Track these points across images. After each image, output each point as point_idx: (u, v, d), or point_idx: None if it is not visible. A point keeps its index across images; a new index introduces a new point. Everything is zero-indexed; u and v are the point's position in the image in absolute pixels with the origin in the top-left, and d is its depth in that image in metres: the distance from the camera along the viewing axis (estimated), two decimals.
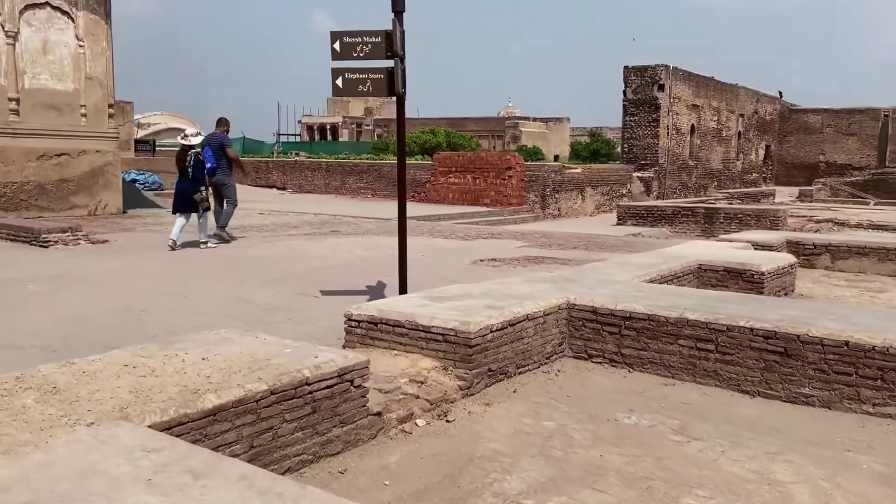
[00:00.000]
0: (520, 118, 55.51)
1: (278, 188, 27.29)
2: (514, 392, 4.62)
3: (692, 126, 30.52)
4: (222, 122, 11.37)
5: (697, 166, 31.24)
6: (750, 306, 5.08)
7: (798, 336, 4.46)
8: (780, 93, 42.56)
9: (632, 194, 25.82)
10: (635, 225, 18.70)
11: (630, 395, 4.65)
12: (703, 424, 4.08)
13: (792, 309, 5.00)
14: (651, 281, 6.66)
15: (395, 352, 4.77)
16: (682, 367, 4.89)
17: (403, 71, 5.67)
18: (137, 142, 29.74)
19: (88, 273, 8.39)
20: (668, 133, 28.21)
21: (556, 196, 21.07)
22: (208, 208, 10.61)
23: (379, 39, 5.88)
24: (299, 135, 75.39)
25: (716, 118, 32.97)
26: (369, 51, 5.89)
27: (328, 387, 3.53)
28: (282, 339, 4.04)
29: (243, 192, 26.36)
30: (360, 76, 5.97)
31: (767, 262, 7.57)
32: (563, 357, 5.35)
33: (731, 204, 19.58)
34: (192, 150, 10.30)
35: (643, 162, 27.63)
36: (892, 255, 9.74)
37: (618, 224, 19.07)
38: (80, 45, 14.52)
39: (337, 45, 5.88)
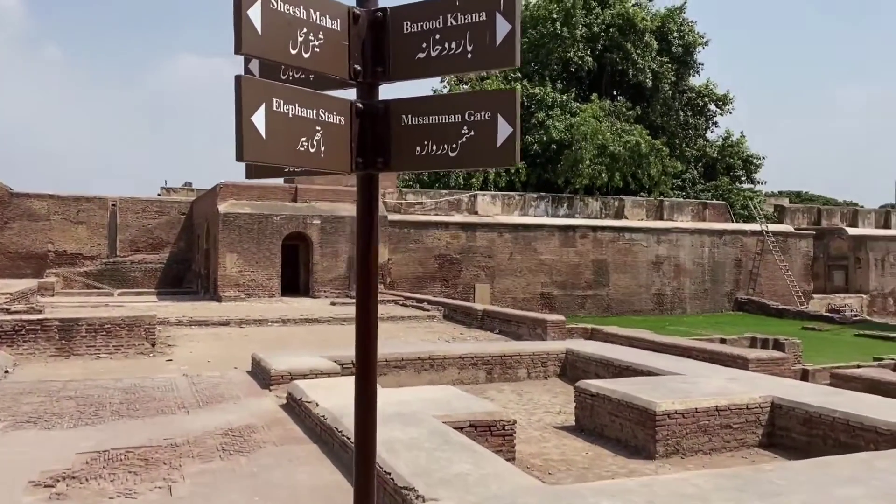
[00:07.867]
0: None
1: None
2: None
3: None
4: None
5: None
6: None
7: None
8: None
9: None
10: None
11: None
12: None
13: None
14: None
15: None
16: None
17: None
18: None
19: None
20: None
21: None
22: None
23: (337, 25, 2.26)
24: None
25: None
26: (319, 51, 2.23)
27: None
28: None
29: None
30: (306, 114, 2.15)
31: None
32: None
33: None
34: None
35: None
36: (427, 364, 9.61)
37: None
38: None
39: (255, 16, 1.99)
